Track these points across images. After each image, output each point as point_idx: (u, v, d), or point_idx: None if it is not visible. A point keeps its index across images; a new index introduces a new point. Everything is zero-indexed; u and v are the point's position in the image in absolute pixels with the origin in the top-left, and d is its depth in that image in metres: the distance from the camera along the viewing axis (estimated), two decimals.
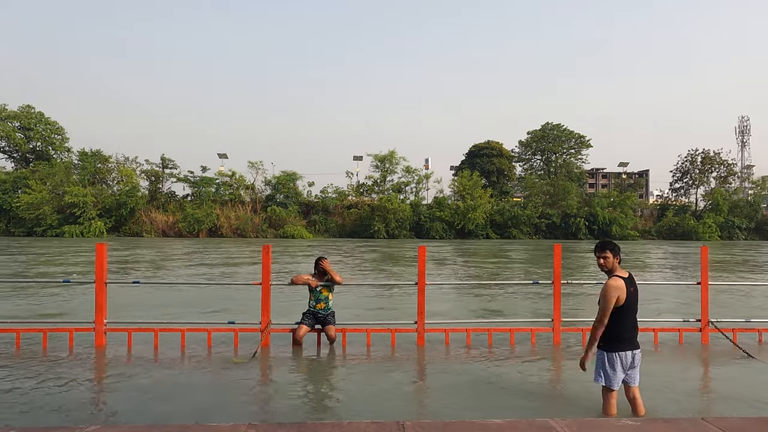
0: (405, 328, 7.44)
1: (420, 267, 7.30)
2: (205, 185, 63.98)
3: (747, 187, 76.75)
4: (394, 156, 67.69)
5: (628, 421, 3.51)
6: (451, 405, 4.89)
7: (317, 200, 67.56)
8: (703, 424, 3.39)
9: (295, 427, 3.31)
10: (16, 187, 59.65)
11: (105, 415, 4.57)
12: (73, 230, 54.85)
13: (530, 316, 9.93)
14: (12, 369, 5.88)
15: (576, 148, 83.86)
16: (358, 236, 61.60)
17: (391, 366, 6.22)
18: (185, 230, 58.56)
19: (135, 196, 59.19)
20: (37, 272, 18.38)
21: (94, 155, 62.93)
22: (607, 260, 4.46)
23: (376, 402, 4.92)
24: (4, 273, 17.87)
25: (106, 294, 7.01)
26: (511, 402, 5.01)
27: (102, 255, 6.96)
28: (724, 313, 9.80)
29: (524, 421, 3.47)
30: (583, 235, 65.35)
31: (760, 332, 7.71)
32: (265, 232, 60.92)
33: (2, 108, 66.61)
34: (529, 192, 73.29)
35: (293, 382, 5.66)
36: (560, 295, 7.44)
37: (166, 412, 4.59)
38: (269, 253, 7.16)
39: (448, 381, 5.61)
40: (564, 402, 5.05)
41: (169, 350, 6.79)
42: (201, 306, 10.73)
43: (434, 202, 67.37)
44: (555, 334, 7.42)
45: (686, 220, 69.24)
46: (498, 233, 64.70)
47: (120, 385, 5.34)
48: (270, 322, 7.08)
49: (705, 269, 7.60)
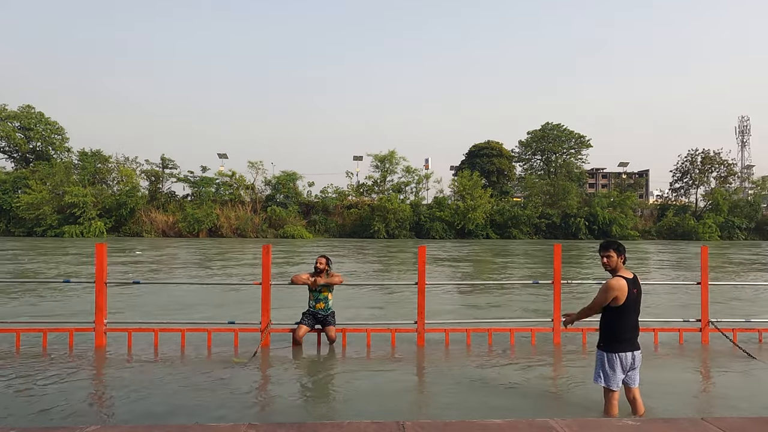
0: (405, 328, 7.44)
1: (420, 267, 7.30)
2: (205, 185, 63.96)
3: (747, 187, 76.75)
4: (394, 156, 67.72)
5: (628, 421, 3.50)
6: (451, 405, 4.89)
7: (317, 200, 67.54)
8: (703, 424, 3.39)
9: (295, 427, 3.31)
10: (16, 187, 59.61)
11: (105, 415, 4.57)
12: (73, 230, 54.83)
13: (530, 316, 9.93)
14: (12, 369, 5.87)
15: (576, 148, 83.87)
16: (358, 236, 61.59)
17: (391, 366, 6.21)
18: (185, 230, 58.54)
19: (135, 196, 59.17)
20: (37, 272, 18.38)
21: (94, 155, 62.91)
22: (610, 259, 4.46)
23: (376, 402, 4.92)
24: (4, 273, 17.86)
25: (106, 294, 7.01)
26: (511, 402, 5.01)
27: (102, 255, 6.96)
28: (724, 313, 9.80)
29: (524, 421, 3.47)
30: (583, 235, 65.34)
31: (760, 332, 7.71)
32: (265, 232, 60.91)
33: (2, 108, 66.58)
34: (529, 192, 73.29)
35: (293, 382, 5.66)
36: (560, 295, 7.44)
37: (166, 412, 4.58)
38: (269, 252, 7.16)
39: (448, 381, 5.61)
40: (564, 402, 5.05)
41: (169, 350, 6.79)
42: (201, 306, 10.73)
43: (434, 202, 67.36)
44: (555, 334, 7.42)
45: (686, 220, 69.24)
46: (498, 233, 64.69)
47: (120, 385, 5.33)
48: (270, 322, 7.08)
49: (705, 269, 7.60)
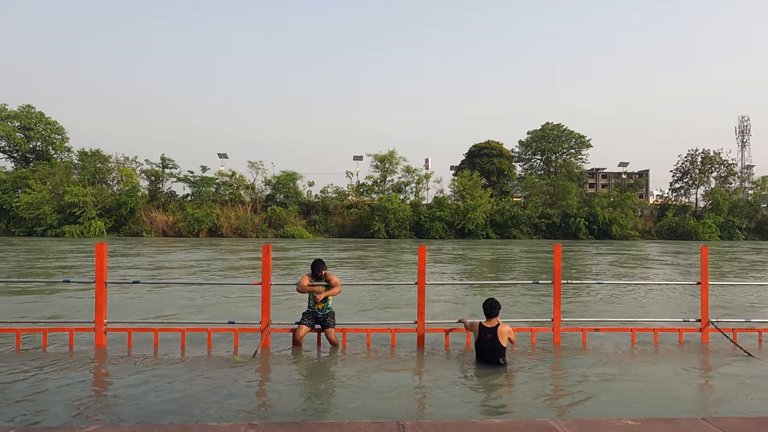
0: (405, 328, 7.44)
1: (420, 267, 7.30)
2: (205, 185, 63.96)
3: (747, 187, 76.75)
4: (394, 156, 67.74)
5: (629, 421, 3.51)
6: (451, 405, 4.89)
7: (317, 200, 67.52)
8: (703, 424, 3.39)
9: (295, 427, 3.31)
10: (16, 186, 59.57)
11: (105, 415, 4.57)
12: (73, 230, 54.81)
13: (530, 316, 9.93)
14: (12, 369, 5.87)
15: (576, 148, 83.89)
16: (358, 236, 61.58)
17: (391, 366, 6.21)
18: (185, 230, 58.53)
19: (135, 196, 59.17)
20: (37, 272, 18.38)
21: (94, 155, 62.89)
22: None
23: (376, 402, 4.92)
24: (4, 273, 17.86)
25: (106, 294, 7.00)
26: (511, 402, 5.01)
27: (102, 255, 6.96)
28: (724, 313, 9.80)
29: (524, 421, 3.47)
30: (583, 235, 65.33)
31: (760, 332, 7.71)
32: (265, 232, 60.91)
33: (2, 108, 66.53)
34: (529, 192, 73.30)
35: (293, 382, 5.66)
36: (560, 295, 7.44)
37: (166, 412, 4.58)
38: (269, 252, 7.16)
39: (448, 381, 5.60)
40: (564, 402, 5.05)
41: (169, 350, 6.79)
42: (201, 306, 10.73)
43: (434, 202, 67.34)
44: (555, 334, 7.42)
45: (686, 220, 69.25)
46: (498, 233, 64.68)
47: (120, 385, 5.33)
48: (270, 322, 7.08)
49: (705, 269, 7.60)
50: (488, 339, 5.98)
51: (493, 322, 6.13)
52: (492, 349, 6.02)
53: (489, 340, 5.99)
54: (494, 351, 6.02)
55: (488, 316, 6.23)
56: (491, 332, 6.00)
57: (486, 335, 5.99)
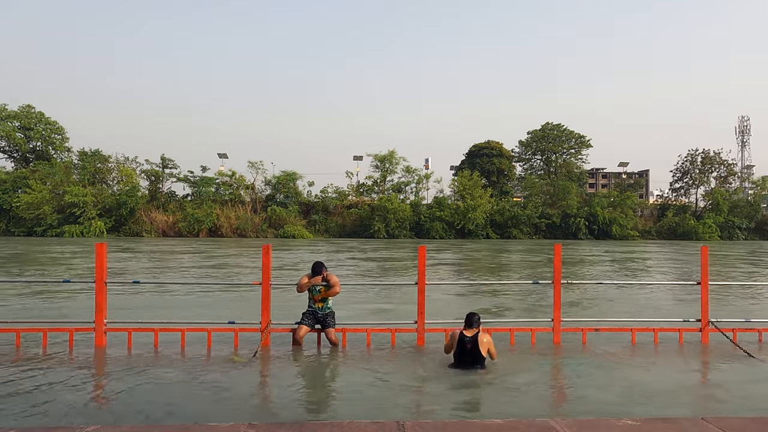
0: (405, 328, 7.43)
1: (420, 267, 7.30)
2: (205, 185, 63.92)
3: (747, 187, 76.73)
4: (394, 156, 67.71)
5: (629, 421, 3.51)
6: (451, 405, 4.89)
7: (317, 200, 67.50)
8: (703, 424, 3.39)
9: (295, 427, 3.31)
10: (16, 186, 59.57)
11: (105, 415, 4.57)
12: (73, 230, 54.82)
13: (530, 316, 9.93)
14: (12, 369, 5.87)
15: (576, 148, 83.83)
16: (358, 236, 61.58)
17: (391, 366, 6.22)
18: (185, 230, 58.53)
19: (135, 196, 59.16)
20: (36, 272, 18.38)
21: (94, 155, 62.88)
22: None
23: (376, 402, 4.92)
24: (3, 273, 17.86)
25: (106, 294, 7.00)
26: (511, 402, 5.01)
27: (102, 255, 6.96)
28: (724, 313, 9.80)
29: (524, 421, 3.47)
30: (583, 235, 65.34)
31: (760, 332, 7.71)
32: (265, 232, 60.91)
33: (2, 108, 66.50)
34: (529, 192, 73.28)
35: (293, 382, 5.66)
36: (560, 295, 7.44)
37: (166, 411, 4.58)
38: (269, 252, 7.16)
39: (448, 381, 5.61)
40: (564, 402, 5.05)
41: (169, 350, 6.79)
42: (201, 306, 10.73)
43: (434, 202, 67.33)
44: (555, 334, 7.42)
45: (686, 220, 69.25)
46: (498, 233, 64.70)
47: (120, 385, 5.33)
48: (270, 322, 7.08)
49: (705, 269, 7.60)
50: (468, 349, 5.97)
51: (472, 331, 6.09)
52: (472, 359, 5.98)
53: (469, 350, 5.98)
54: (474, 360, 5.97)
55: (468, 326, 6.15)
56: (471, 342, 5.98)
57: (466, 345, 5.98)
